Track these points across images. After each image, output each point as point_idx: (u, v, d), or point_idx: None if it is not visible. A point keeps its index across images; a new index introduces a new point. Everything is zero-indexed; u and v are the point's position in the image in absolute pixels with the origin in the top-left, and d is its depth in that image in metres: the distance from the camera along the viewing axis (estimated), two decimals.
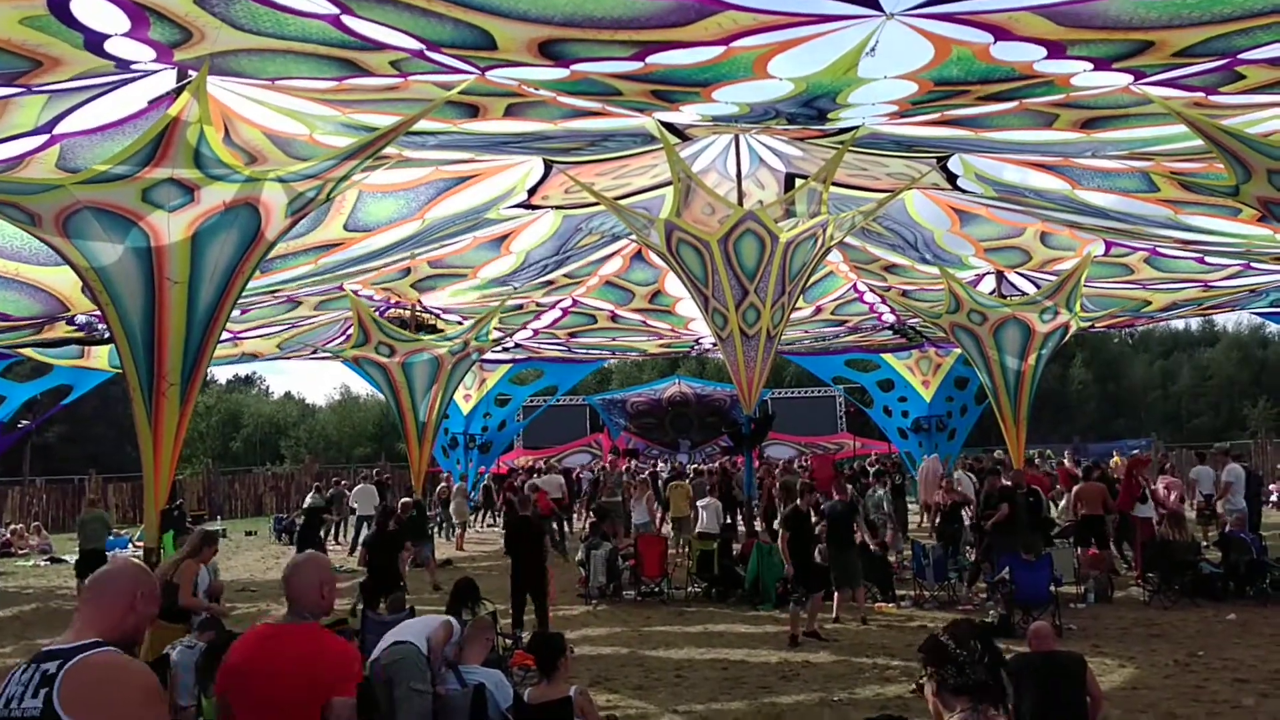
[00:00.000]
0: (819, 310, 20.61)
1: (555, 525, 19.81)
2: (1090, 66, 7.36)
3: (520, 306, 19.46)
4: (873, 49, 6.92)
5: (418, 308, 17.57)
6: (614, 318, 21.55)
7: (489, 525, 25.90)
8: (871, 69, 7.49)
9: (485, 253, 16.20)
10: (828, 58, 7.28)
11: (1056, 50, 7.00)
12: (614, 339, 24.13)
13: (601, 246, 17.28)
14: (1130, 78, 7.63)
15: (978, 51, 7.07)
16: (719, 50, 6.99)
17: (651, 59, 7.09)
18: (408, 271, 16.36)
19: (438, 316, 18.16)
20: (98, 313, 12.32)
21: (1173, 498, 15.65)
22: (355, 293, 16.12)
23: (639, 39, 6.70)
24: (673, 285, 19.77)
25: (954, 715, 2.99)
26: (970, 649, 3.12)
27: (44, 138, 7.88)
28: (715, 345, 21.56)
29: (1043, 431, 37.77)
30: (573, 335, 22.82)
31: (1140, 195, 11.42)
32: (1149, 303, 17.97)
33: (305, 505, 20.19)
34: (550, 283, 18.68)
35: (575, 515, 22.92)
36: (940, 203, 14.38)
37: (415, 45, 6.90)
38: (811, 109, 8.96)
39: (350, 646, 3.90)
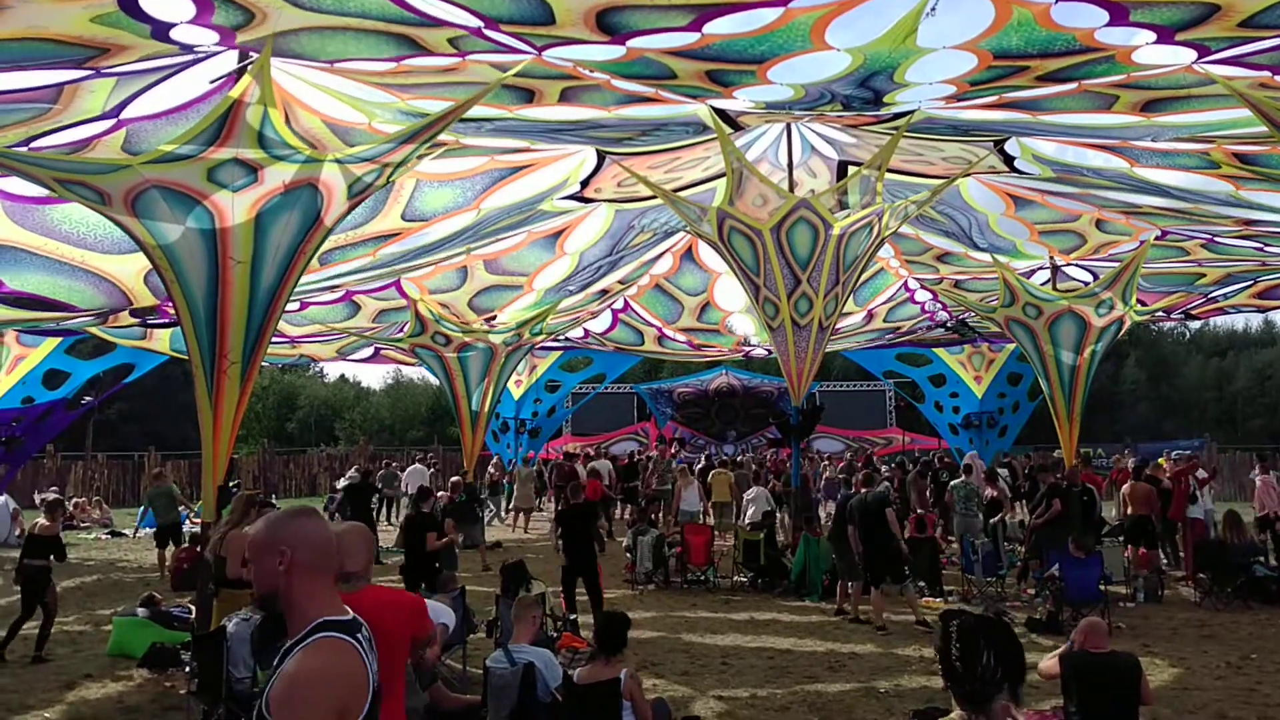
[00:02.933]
0: (871, 317, 20.55)
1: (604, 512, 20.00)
2: (1153, 37, 7.22)
3: (576, 319, 19.73)
4: (933, 7, 6.83)
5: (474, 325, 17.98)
6: (661, 339, 21.68)
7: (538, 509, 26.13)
8: (930, 37, 7.40)
9: (540, 253, 16.35)
10: (887, 22, 7.22)
11: (1119, 14, 6.88)
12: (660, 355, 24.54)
13: (654, 245, 17.37)
14: (1194, 53, 7.47)
15: (1038, 14, 6.96)
16: (777, 13, 6.92)
17: (709, 27, 7.05)
18: (465, 274, 16.61)
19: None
20: (158, 305, 12.64)
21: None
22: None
23: (696, 1, 6.69)
24: (722, 296, 19.90)
25: (954, 713, 2.92)
26: (975, 669, 2.81)
27: (111, 122, 8.08)
28: (767, 351, 21.59)
29: (1094, 430, 37.17)
30: (620, 349, 23.00)
31: (1200, 171, 11.19)
32: (1203, 275, 17.60)
33: (341, 485, 20.66)
34: (605, 291, 18.86)
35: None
36: (994, 188, 14.25)
37: (474, 23, 6.94)
38: (867, 89, 8.87)
39: (413, 594, 4.19)
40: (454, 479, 15.55)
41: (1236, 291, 18.04)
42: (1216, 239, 14.31)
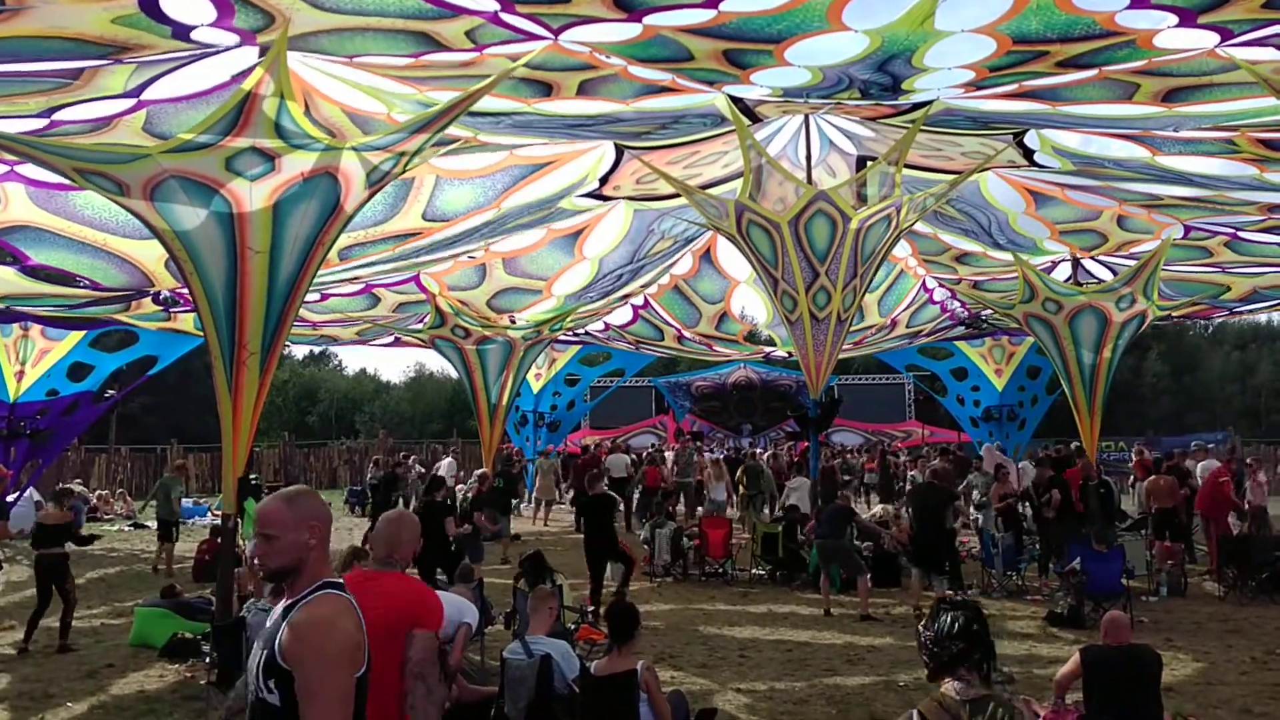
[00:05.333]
0: (894, 324, 20.54)
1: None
2: (1174, 20, 7.12)
3: (596, 315, 19.81)
4: None
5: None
6: (680, 339, 21.70)
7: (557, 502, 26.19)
8: (949, 20, 7.32)
9: (559, 255, 16.33)
10: (904, 4, 7.15)
11: None
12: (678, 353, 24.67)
13: (673, 254, 17.38)
14: (1216, 37, 7.36)
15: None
16: None
17: (725, 4, 6.99)
18: (483, 272, 16.65)
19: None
20: (178, 290, 12.73)
21: None
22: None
23: None
24: (738, 307, 19.95)
25: (946, 684, 3.13)
26: (937, 631, 3.18)
27: (131, 101, 8.07)
28: (787, 355, 21.59)
29: (1115, 423, 36.90)
30: (641, 342, 23.02)
31: (1224, 156, 11.07)
32: (1228, 288, 17.46)
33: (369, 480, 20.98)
34: (626, 296, 18.87)
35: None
36: (1015, 184, 14.12)
37: (492, 5, 6.92)
38: (886, 74, 8.79)
39: (428, 588, 4.21)
40: (480, 472, 15.53)
41: (1264, 308, 17.94)
42: (1240, 233, 14.14)
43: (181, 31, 6.67)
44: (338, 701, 2.67)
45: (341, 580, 2.93)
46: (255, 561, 2.93)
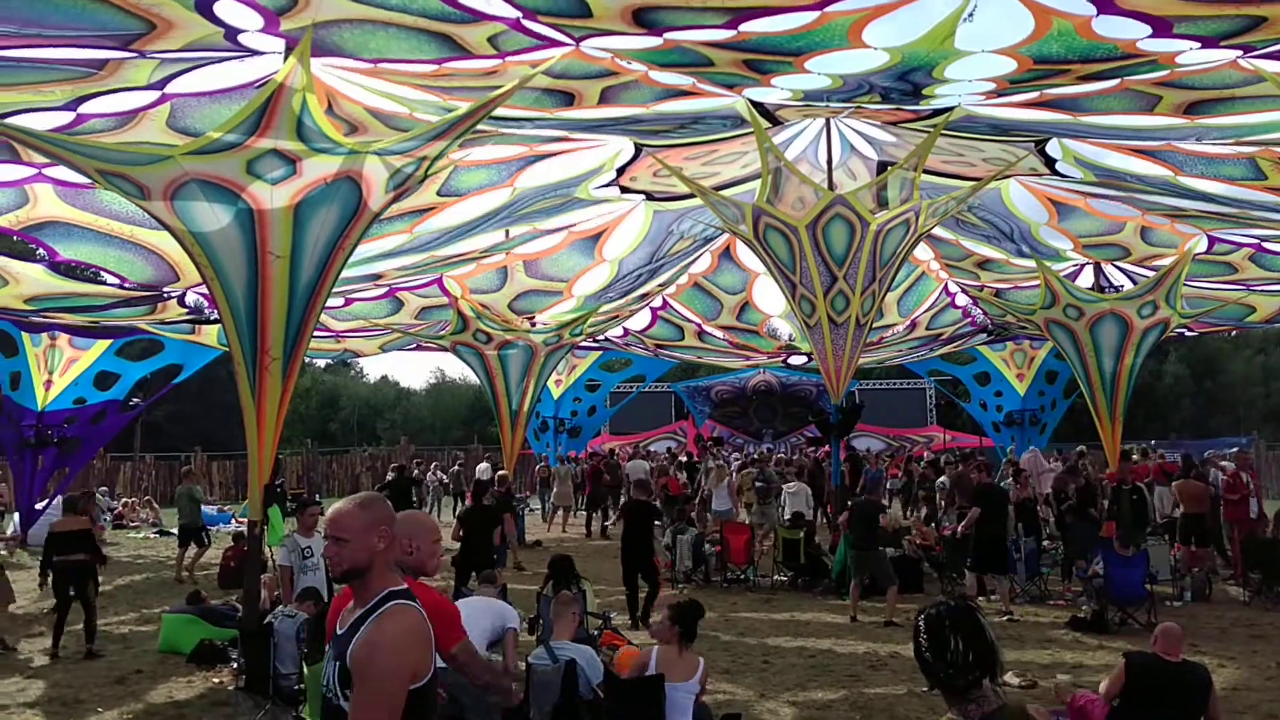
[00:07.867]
0: (914, 325, 20.49)
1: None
2: (1197, 45, 7.12)
3: (615, 318, 19.86)
4: (971, 13, 6.76)
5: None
6: (701, 334, 21.73)
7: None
8: (970, 40, 7.32)
9: (579, 257, 16.37)
10: (925, 25, 7.14)
11: (1162, 28, 6.78)
12: (700, 356, 24.61)
13: (692, 252, 17.40)
14: (1239, 52, 7.35)
15: (1079, 25, 6.85)
16: (813, 16, 6.90)
17: (745, 26, 7.03)
18: (505, 275, 16.72)
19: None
20: (205, 292, 12.87)
21: None
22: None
23: (732, 5, 6.65)
24: (760, 297, 19.94)
25: (946, 716, 2.75)
26: (945, 655, 2.70)
27: (156, 94, 8.08)
28: (807, 357, 21.57)
29: (1135, 427, 36.51)
30: (660, 347, 23.05)
31: (1246, 183, 11.02)
32: (1253, 309, 17.39)
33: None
34: (645, 296, 18.92)
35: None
36: (1037, 193, 14.06)
37: (513, 13, 6.96)
38: (906, 83, 8.80)
39: (440, 595, 4.18)
40: (501, 473, 15.62)
41: None
42: (1265, 245, 14.06)
43: (204, 3, 6.55)
44: (386, 713, 2.82)
45: (407, 587, 3.04)
46: (329, 561, 3.08)
